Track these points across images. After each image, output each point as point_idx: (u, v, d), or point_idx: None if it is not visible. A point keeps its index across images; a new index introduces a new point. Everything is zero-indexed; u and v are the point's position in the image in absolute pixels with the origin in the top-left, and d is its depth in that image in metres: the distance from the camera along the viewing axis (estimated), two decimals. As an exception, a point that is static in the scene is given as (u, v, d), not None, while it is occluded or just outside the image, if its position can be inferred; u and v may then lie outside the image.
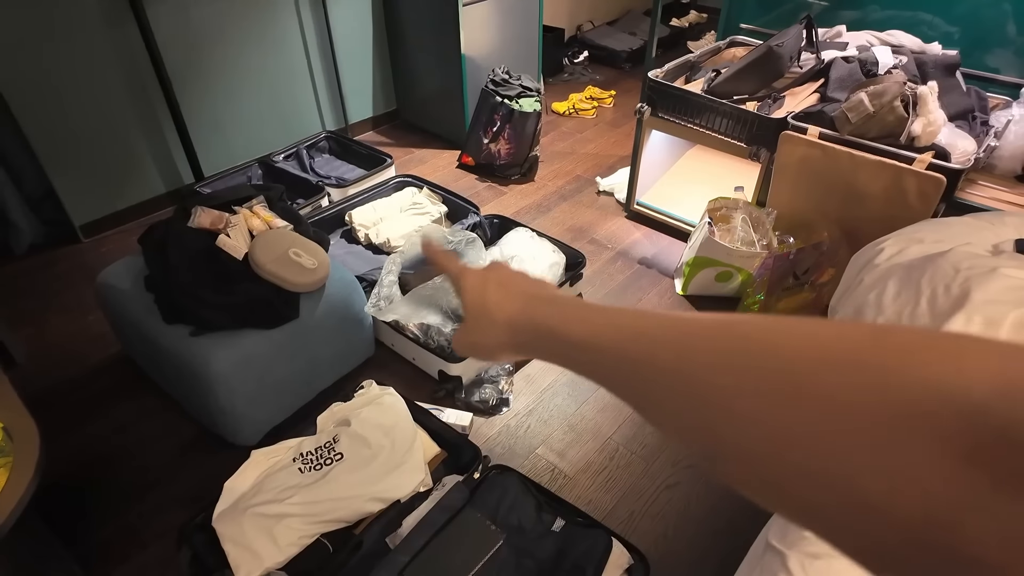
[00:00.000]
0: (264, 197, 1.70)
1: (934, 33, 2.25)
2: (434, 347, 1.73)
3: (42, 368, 1.85)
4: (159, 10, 2.24)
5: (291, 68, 2.77)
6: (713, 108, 2.05)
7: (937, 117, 1.69)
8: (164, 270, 1.49)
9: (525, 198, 2.73)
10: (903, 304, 0.93)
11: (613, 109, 3.47)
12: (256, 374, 1.49)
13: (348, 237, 2.36)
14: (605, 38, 4.03)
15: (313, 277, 1.55)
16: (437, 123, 3.14)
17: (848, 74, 1.97)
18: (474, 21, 2.76)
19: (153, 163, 2.49)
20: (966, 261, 0.92)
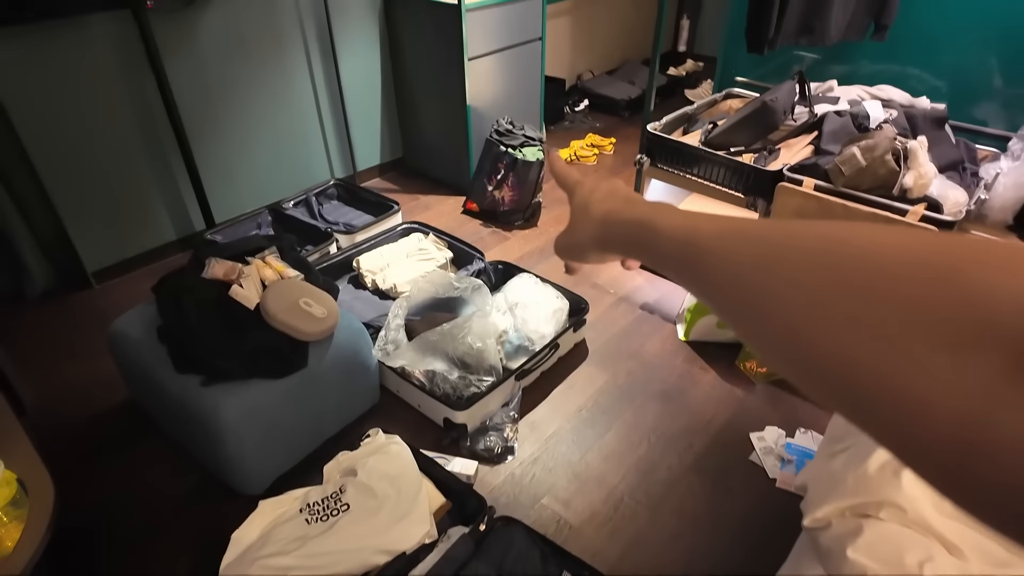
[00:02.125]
0: (276, 247, 1.74)
1: (922, 87, 2.34)
2: (439, 394, 1.75)
3: (52, 413, 1.87)
4: (176, 63, 2.34)
5: (302, 118, 2.87)
6: (710, 159, 2.11)
7: (928, 170, 1.75)
8: (177, 320, 1.52)
9: (528, 243, 2.79)
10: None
11: (613, 156, 3.56)
12: (264, 423, 1.51)
13: (355, 283, 2.41)
14: (604, 87, 4.16)
15: (323, 326, 1.58)
16: (442, 170, 3.23)
17: (841, 127, 2.04)
18: (479, 73, 2.87)
19: (165, 210, 2.56)
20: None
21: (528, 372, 1.91)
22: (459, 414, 1.71)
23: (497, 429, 1.75)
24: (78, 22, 2.07)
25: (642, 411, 1.90)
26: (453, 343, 1.74)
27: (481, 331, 1.78)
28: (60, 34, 2.05)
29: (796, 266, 0.26)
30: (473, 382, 1.78)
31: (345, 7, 2.80)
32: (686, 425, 1.86)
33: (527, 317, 2.02)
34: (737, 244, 0.31)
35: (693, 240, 0.34)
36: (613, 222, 0.44)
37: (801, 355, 0.25)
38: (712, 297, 0.33)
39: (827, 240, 0.26)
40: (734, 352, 2.10)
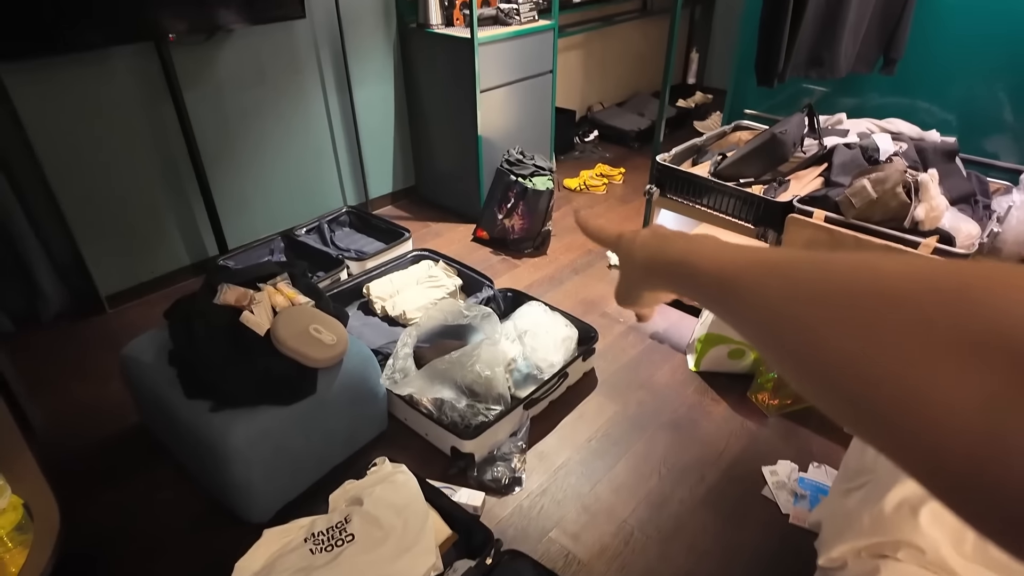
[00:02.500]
0: (288, 274, 1.76)
1: (931, 120, 2.35)
2: (447, 422, 1.74)
3: (61, 435, 1.87)
4: (195, 94, 2.40)
5: (316, 147, 2.92)
6: (720, 190, 2.12)
7: (939, 203, 1.75)
8: (189, 345, 1.53)
9: (538, 271, 2.79)
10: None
11: (623, 185, 3.59)
12: (272, 449, 1.51)
13: (365, 309, 2.42)
14: (614, 118, 4.22)
15: (332, 352, 1.58)
16: (453, 199, 3.26)
17: (851, 160, 2.05)
18: (491, 105, 2.92)
19: (180, 235, 2.59)
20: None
21: (537, 401, 1.90)
22: (467, 443, 1.69)
23: (505, 459, 1.73)
24: (102, 54, 2.14)
25: (653, 442, 1.88)
26: (462, 371, 1.73)
27: (490, 359, 1.77)
28: (85, 66, 2.11)
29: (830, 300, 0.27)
30: (481, 411, 1.77)
31: (361, 40, 2.88)
32: (697, 457, 1.82)
33: (536, 345, 2.01)
34: (773, 280, 0.32)
35: (729, 278, 0.36)
36: (655, 262, 0.46)
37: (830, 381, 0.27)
38: (750, 330, 0.34)
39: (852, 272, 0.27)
40: (745, 383, 2.07)
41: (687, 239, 0.43)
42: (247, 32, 2.47)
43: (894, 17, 2.21)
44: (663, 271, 0.45)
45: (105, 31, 2.02)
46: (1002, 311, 0.21)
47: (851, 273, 0.27)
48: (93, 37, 2.02)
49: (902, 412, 0.22)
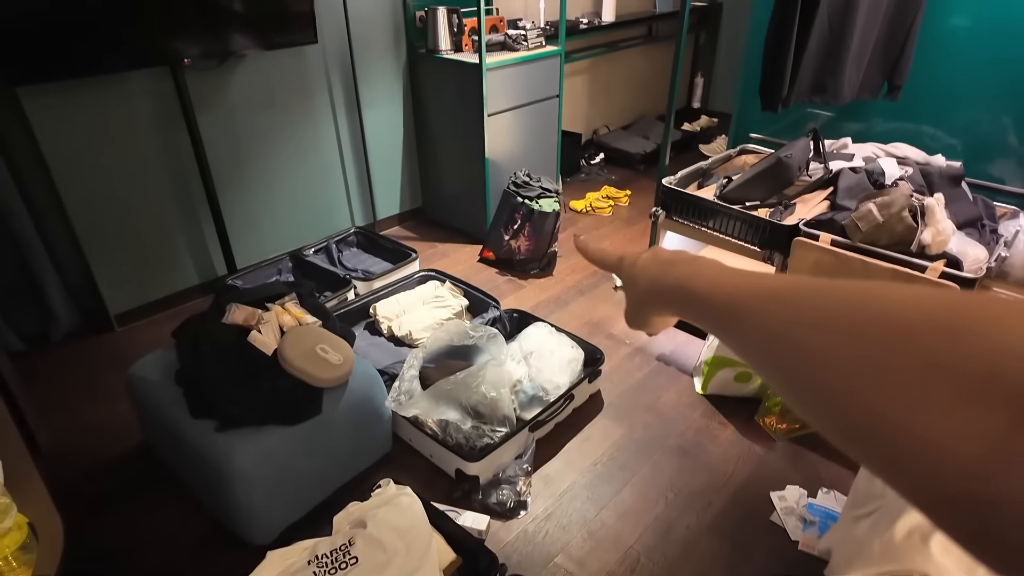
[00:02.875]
0: (296, 294, 1.77)
1: (936, 145, 2.36)
2: (452, 444, 1.73)
3: (67, 454, 1.88)
4: (208, 117, 2.45)
5: (326, 168, 2.96)
6: (726, 213, 2.13)
7: (946, 227, 1.75)
8: (195, 364, 1.54)
9: (543, 292, 2.80)
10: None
11: (628, 207, 3.61)
12: (276, 470, 1.50)
13: (371, 329, 2.42)
14: (620, 141, 4.26)
15: (338, 372, 1.59)
16: (460, 220, 3.29)
17: (856, 184, 2.06)
18: (498, 128, 2.95)
19: (189, 255, 2.62)
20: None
21: (542, 423, 1.89)
22: (471, 465, 1.68)
23: (510, 482, 1.72)
24: (119, 77, 2.18)
25: (659, 467, 1.86)
26: (467, 392, 1.73)
27: (495, 380, 1.77)
28: (101, 88, 2.16)
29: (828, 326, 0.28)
30: (486, 432, 1.76)
31: (371, 64, 2.93)
32: (705, 482, 1.80)
33: (542, 367, 2.00)
34: (772, 305, 0.32)
35: (729, 303, 0.36)
36: (656, 289, 0.46)
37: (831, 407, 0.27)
38: (749, 353, 0.34)
39: (853, 300, 0.28)
40: (753, 407, 2.06)
41: (688, 263, 0.44)
42: (260, 57, 2.52)
43: (897, 45, 2.23)
44: (665, 295, 0.45)
45: (124, 56, 2.07)
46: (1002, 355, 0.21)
47: (853, 301, 0.28)
48: (112, 62, 2.07)
49: (904, 445, 0.23)
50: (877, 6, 2.11)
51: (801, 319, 0.30)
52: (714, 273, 0.40)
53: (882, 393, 0.24)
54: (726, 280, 0.38)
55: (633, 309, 0.52)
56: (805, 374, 0.28)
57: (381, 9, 2.87)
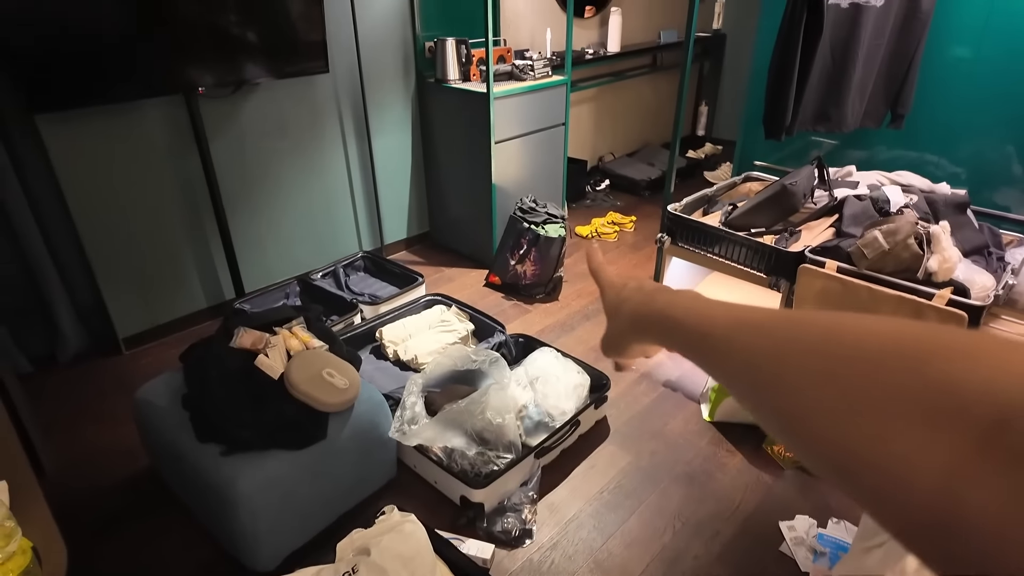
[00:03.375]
0: (303, 318, 1.78)
1: (941, 173, 2.37)
2: (457, 471, 1.72)
3: (72, 478, 1.87)
4: (220, 143, 2.49)
5: (334, 194, 2.99)
6: (731, 240, 2.14)
7: (952, 254, 1.75)
8: (202, 388, 1.54)
9: (549, 317, 2.80)
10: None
11: (634, 233, 3.62)
12: (280, 496, 1.49)
13: (377, 353, 2.43)
14: (625, 168, 4.30)
15: (344, 397, 1.59)
16: (467, 245, 3.31)
17: (861, 211, 2.07)
18: (505, 155, 2.99)
19: (198, 279, 2.64)
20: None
21: (548, 450, 1.87)
22: (476, 492, 1.66)
23: (515, 510, 1.70)
24: (134, 105, 2.23)
25: (666, 495, 1.84)
26: (472, 418, 1.72)
27: (500, 405, 1.76)
28: (116, 116, 2.21)
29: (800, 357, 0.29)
30: (491, 459, 1.74)
31: (381, 93, 2.99)
32: (712, 512, 1.78)
33: (547, 392, 2.00)
34: (750, 336, 0.34)
35: (709, 331, 0.38)
36: (640, 316, 0.48)
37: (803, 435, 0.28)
38: (728, 382, 0.36)
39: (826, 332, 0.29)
40: (761, 434, 2.04)
41: (670, 293, 0.46)
42: (272, 85, 2.58)
43: (900, 75, 2.26)
44: (647, 323, 0.47)
45: (141, 85, 2.12)
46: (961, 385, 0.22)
47: (826, 333, 0.29)
48: (129, 90, 2.12)
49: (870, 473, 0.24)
50: (878, 37, 2.15)
51: (776, 349, 0.31)
52: (696, 303, 0.41)
53: (849, 423, 0.25)
54: (707, 310, 0.39)
55: (613, 336, 0.53)
56: (778, 404, 0.30)
57: (392, 40, 2.94)
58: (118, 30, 1.99)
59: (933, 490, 0.21)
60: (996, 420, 0.21)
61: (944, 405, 0.22)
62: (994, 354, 0.23)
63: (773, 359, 0.31)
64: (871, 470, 0.24)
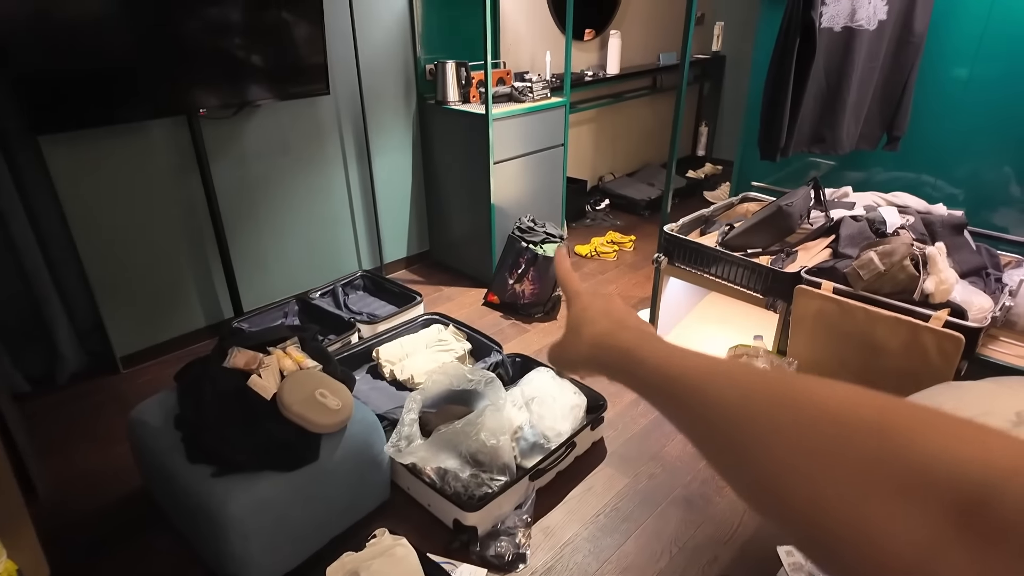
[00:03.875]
0: (298, 338, 1.78)
1: (938, 195, 2.37)
2: (450, 493, 1.70)
3: (63, 499, 1.86)
4: (221, 163, 2.52)
5: (335, 213, 3.01)
6: (728, 260, 2.14)
7: (948, 276, 1.74)
8: (195, 408, 1.54)
9: (548, 336, 2.79)
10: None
11: (633, 252, 3.63)
12: (271, 518, 1.48)
13: (374, 373, 2.42)
14: (625, 188, 4.32)
15: (336, 418, 1.58)
16: (466, 263, 3.32)
17: (858, 232, 2.06)
18: (503, 175, 3.01)
19: (197, 298, 2.65)
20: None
21: (543, 472, 1.86)
22: (470, 516, 1.65)
23: (509, 534, 1.68)
24: (136, 126, 2.26)
25: (663, 519, 1.81)
26: (466, 440, 1.71)
27: (495, 427, 1.75)
28: (118, 136, 2.23)
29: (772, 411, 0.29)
30: (485, 481, 1.73)
31: (382, 114, 3.02)
32: (710, 536, 1.75)
33: (543, 413, 1.98)
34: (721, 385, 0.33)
35: (678, 376, 0.37)
36: (602, 346, 0.47)
37: (775, 492, 0.28)
38: (690, 428, 0.35)
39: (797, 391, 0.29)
40: (759, 457, 2.01)
41: (638, 330, 0.45)
42: (273, 107, 2.61)
43: (895, 97, 2.28)
44: (608, 357, 0.45)
45: (143, 106, 2.15)
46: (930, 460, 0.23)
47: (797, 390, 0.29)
48: (131, 112, 2.15)
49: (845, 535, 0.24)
50: (872, 60, 2.16)
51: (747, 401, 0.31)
52: (662, 346, 0.41)
53: (824, 483, 0.25)
54: (676, 355, 0.39)
55: (567, 354, 0.51)
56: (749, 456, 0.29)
57: (393, 63, 2.98)
58: (122, 53, 2.02)
59: (911, 565, 0.22)
60: (973, 499, 0.21)
61: (918, 480, 0.22)
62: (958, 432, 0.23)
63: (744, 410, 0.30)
64: (846, 534, 0.24)
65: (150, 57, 2.08)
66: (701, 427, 0.34)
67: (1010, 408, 1.08)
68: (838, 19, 2.01)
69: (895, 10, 2.11)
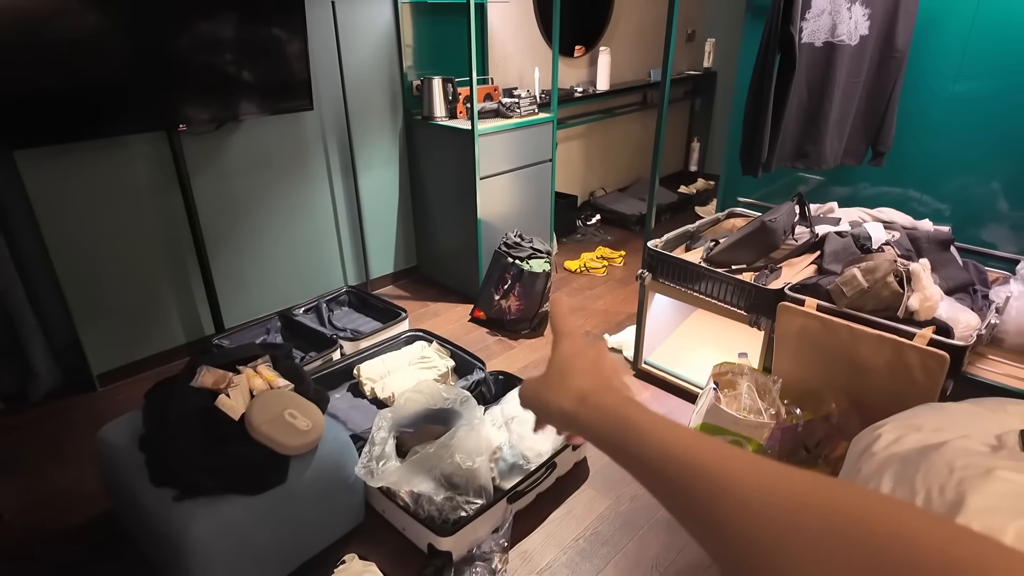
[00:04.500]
0: (269, 356, 1.75)
1: (924, 210, 2.35)
2: (423, 517, 1.66)
3: (29, 521, 1.81)
4: (202, 179, 2.50)
5: (319, 229, 2.99)
6: (711, 277, 2.11)
7: (933, 292, 1.71)
8: (159, 429, 1.50)
9: (534, 352, 2.76)
10: (900, 504, 0.88)
11: (623, 268, 3.60)
12: (236, 543, 1.43)
13: (355, 391, 2.38)
14: (616, 203, 4.30)
15: (305, 439, 1.54)
16: (453, 279, 3.29)
17: (843, 248, 2.04)
18: (490, 191, 3.00)
19: (177, 315, 2.62)
20: (961, 459, 0.88)
21: (522, 494, 1.81)
22: (444, 540, 1.60)
23: (485, 559, 1.63)
24: (114, 141, 2.24)
25: (645, 543, 1.76)
26: (440, 463, 1.67)
27: (470, 448, 1.71)
28: (96, 152, 2.21)
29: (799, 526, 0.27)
30: (461, 504, 1.68)
31: (367, 130, 3.01)
32: (693, 562, 1.70)
33: (523, 433, 1.94)
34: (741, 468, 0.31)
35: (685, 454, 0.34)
36: (590, 406, 0.43)
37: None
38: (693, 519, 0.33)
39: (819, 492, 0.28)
40: (744, 478, 1.97)
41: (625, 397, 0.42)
42: (256, 122, 2.60)
43: (879, 112, 2.26)
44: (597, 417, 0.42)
45: (122, 121, 2.14)
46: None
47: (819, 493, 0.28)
48: (110, 127, 2.13)
49: None
50: (855, 76, 2.15)
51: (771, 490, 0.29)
52: (662, 420, 0.38)
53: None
54: (679, 432, 0.36)
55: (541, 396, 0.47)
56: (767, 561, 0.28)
57: (378, 78, 2.98)
58: (101, 69, 2.01)
59: None
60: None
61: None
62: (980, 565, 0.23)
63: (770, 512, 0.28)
64: None
65: (129, 72, 2.07)
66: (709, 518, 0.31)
67: (989, 432, 1.05)
68: (819, 34, 2.00)
69: (876, 25, 2.11)
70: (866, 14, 2.06)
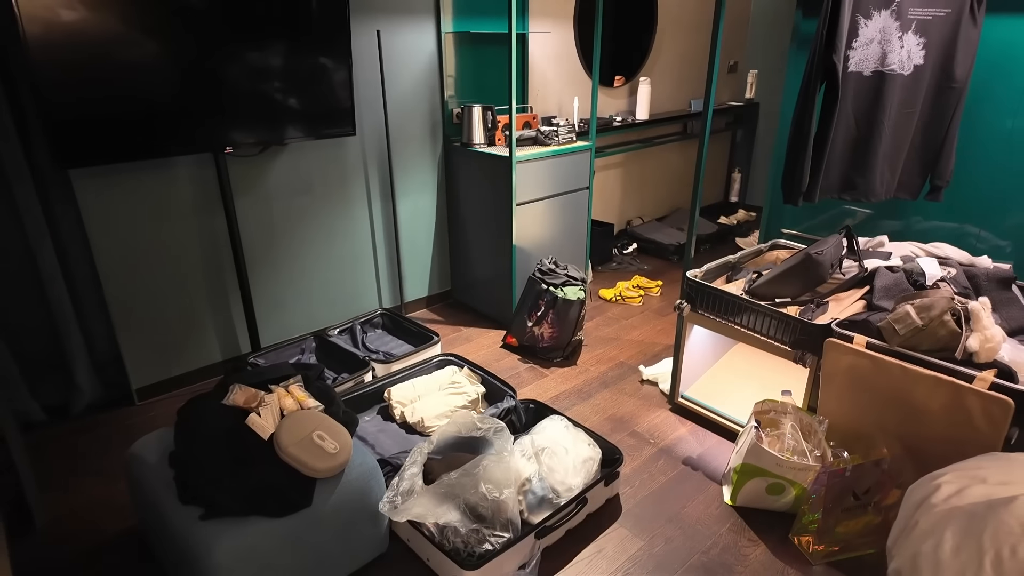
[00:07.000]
0: (302, 376, 1.75)
1: (983, 246, 2.23)
2: (448, 548, 1.61)
3: (57, 535, 1.83)
4: (245, 200, 2.56)
5: (357, 252, 3.03)
6: (753, 309, 2.04)
7: (994, 333, 1.60)
8: (187, 446, 1.50)
9: (566, 382, 2.70)
10: (965, 563, 0.80)
11: (660, 298, 3.53)
12: (257, 568, 1.41)
13: (384, 414, 2.36)
14: (654, 232, 4.25)
15: (332, 463, 1.52)
16: (487, 304, 3.28)
17: (894, 284, 1.94)
18: (526, 217, 2.99)
19: (215, 333, 2.66)
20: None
21: (551, 529, 1.74)
22: (468, 574, 1.54)
23: (510, 596, 1.57)
24: (164, 162, 2.33)
25: (678, 588, 1.67)
26: (464, 492, 1.62)
27: (499, 478, 1.66)
28: (146, 172, 2.29)
29: None
30: (487, 537, 1.63)
31: (407, 155, 3.06)
32: (729, 611, 1.60)
33: (554, 465, 1.88)
34: None
35: None
36: None
37: None
38: None
39: None
40: (787, 523, 1.86)
41: None
42: (299, 146, 2.66)
43: (936, 145, 2.17)
44: None
45: (173, 143, 2.21)
46: None
47: None
48: (161, 148, 2.20)
49: None
50: (909, 107, 2.08)
51: None
52: None
53: None
54: None
55: None
56: None
57: (420, 106, 3.03)
58: (155, 92, 2.09)
59: None
60: None
61: None
62: None
63: None
64: None
65: (182, 96, 2.15)
66: None
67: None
68: (867, 63, 1.94)
69: (933, 55, 2.04)
70: (921, 43, 1.99)
